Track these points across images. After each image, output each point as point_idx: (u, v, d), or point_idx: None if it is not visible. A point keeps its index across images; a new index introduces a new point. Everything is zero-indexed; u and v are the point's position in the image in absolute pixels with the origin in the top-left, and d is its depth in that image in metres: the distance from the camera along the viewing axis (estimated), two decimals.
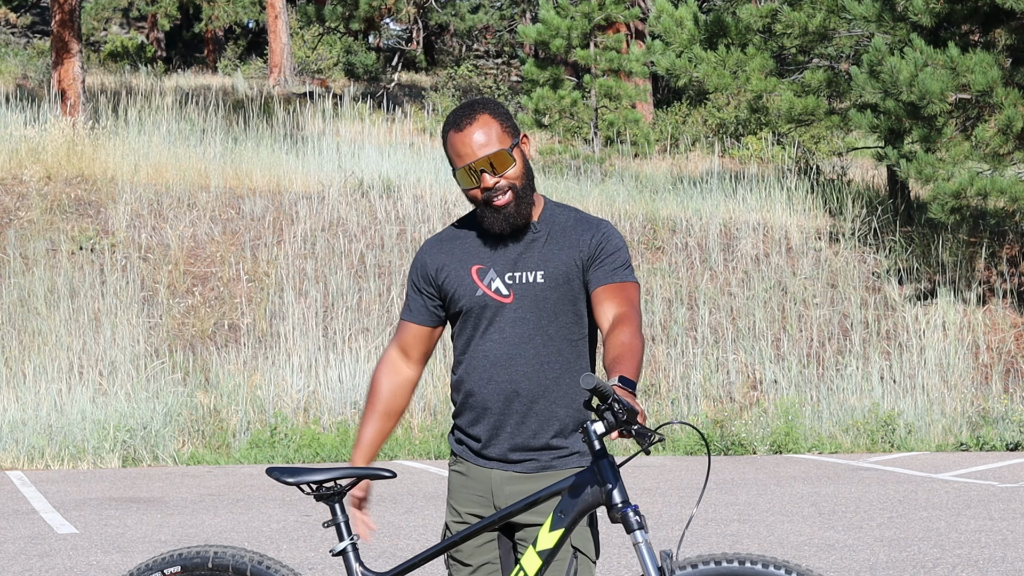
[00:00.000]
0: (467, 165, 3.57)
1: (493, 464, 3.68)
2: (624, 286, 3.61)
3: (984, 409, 14.49)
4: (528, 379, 3.63)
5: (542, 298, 3.63)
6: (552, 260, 3.63)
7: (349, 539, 3.56)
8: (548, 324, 3.64)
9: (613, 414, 3.20)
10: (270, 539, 8.72)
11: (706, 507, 10.09)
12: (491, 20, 38.72)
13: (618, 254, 3.64)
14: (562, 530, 3.35)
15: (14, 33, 39.58)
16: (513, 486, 3.65)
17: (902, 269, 16.39)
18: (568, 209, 3.73)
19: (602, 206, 17.23)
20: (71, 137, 17.19)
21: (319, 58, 35.64)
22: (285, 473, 3.57)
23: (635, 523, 3.28)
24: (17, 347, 13.81)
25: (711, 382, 14.70)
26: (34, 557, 8.19)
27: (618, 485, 3.32)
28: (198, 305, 14.88)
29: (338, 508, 3.57)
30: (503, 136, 3.59)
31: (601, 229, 3.67)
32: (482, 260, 3.68)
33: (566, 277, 3.63)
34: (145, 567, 3.67)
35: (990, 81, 14.91)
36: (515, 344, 3.63)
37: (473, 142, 3.57)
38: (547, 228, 3.68)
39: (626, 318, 3.54)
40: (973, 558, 8.04)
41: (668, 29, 17.81)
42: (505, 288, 3.64)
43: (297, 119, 21.94)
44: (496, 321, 3.65)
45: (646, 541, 3.27)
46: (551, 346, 3.64)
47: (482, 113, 3.60)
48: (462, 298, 3.67)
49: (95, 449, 12.51)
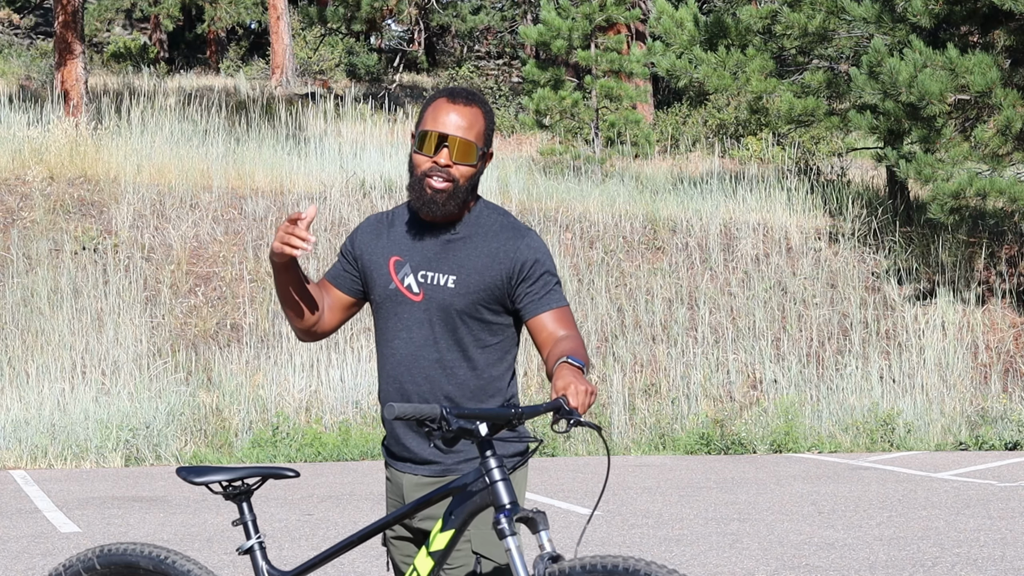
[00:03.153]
0: (438, 131, 3.50)
1: (402, 466, 3.62)
2: (560, 312, 3.55)
3: (983, 408, 14.53)
4: (431, 383, 3.54)
5: (449, 304, 3.54)
6: (466, 266, 3.55)
7: (256, 538, 3.58)
8: (456, 330, 3.55)
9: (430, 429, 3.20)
10: (272, 538, 8.76)
11: (706, 506, 10.14)
12: (492, 21, 38.75)
13: (547, 276, 3.55)
14: (452, 531, 3.28)
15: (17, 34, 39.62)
16: (420, 492, 3.57)
17: (902, 269, 16.43)
18: (497, 212, 3.63)
19: (603, 206, 17.28)
20: (74, 138, 17.24)
21: (321, 59, 35.68)
22: (193, 473, 3.56)
23: (502, 531, 3.19)
24: (20, 347, 13.86)
25: (711, 382, 14.74)
26: (37, 556, 8.23)
27: (506, 486, 3.22)
28: (200, 305, 14.93)
29: (245, 507, 3.58)
30: (480, 136, 3.55)
31: (527, 243, 3.56)
32: (401, 252, 3.60)
33: (479, 286, 3.54)
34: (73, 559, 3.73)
35: (989, 82, 14.95)
36: (419, 346, 3.55)
37: (457, 119, 3.51)
38: (467, 231, 3.58)
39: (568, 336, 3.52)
40: (972, 557, 8.08)
41: (668, 30, 17.85)
42: (416, 286, 3.57)
43: (299, 120, 21.97)
44: (404, 319, 3.57)
45: (517, 548, 3.18)
46: (457, 352, 3.55)
47: (478, 106, 3.56)
48: (375, 287, 3.62)
49: (98, 448, 12.56)
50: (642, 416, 14.17)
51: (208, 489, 3.56)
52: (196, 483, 3.56)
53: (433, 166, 3.51)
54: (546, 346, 3.54)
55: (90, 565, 3.68)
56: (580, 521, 9.41)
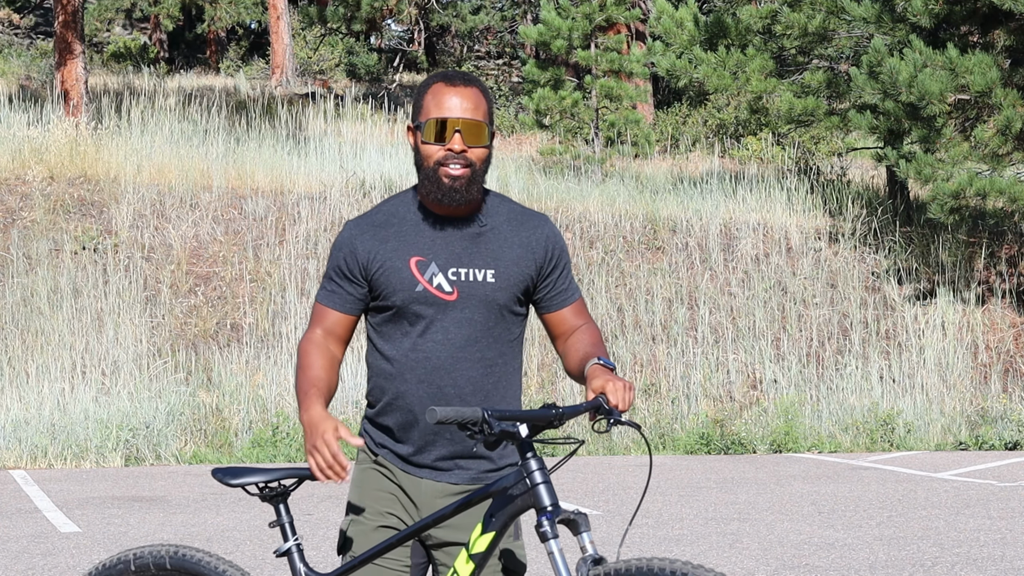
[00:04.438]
0: (446, 118, 3.34)
1: (424, 473, 3.46)
2: (580, 303, 3.54)
3: (983, 408, 14.54)
4: (472, 384, 3.41)
5: (491, 299, 3.41)
6: (503, 259, 3.43)
7: (293, 540, 3.47)
8: (495, 325, 3.43)
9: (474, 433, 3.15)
10: (272, 537, 8.76)
11: (706, 506, 10.14)
12: (492, 21, 38.76)
13: (567, 266, 3.53)
14: (493, 533, 3.22)
15: (17, 34, 39.63)
16: (444, 500, 3.45)
17: (901, 269, 16.44)
18: (506, 199, 3.53)
19: (603, 206, 17.28)
20: (74, 137, 17.24)
21: (321, 59, 35.69)
22: (229, 475, 3.46)
23: (545, 533, 3.15)
24: (20, 346, 13.86)
25: (711, 382, 14.74)
26: (37, 556, 8.23)
27: (548, 487, 3.19)
28: (200, 305, 14.93)
29: (282, 508, 3.48)
30: (487, 116, 3.40)
31: (552, 229, 3.51)
32: (422, 251, 3.41)
33: (519, 277, 3.44)
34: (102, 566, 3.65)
35: (989, 82, 14.95)
36: (460, 347, 3.40)
37: (461, 101, 3.35)
38: (493, 222, 3.45)
39: (586, 326, 3.51)
40: (972, 557, 8.08)
41: (668, 30, 17.85)
42: (448, 285, 3.39)
43: (299, 120, 21.98)
44: (438, 320, 3.40)
45: (560, 552, 3.16)
46: (495, 348, 3.44)
47: (476, 86, 3.41)
48: (397, 292, 3.41)
49: (98, 448, 12.56)
50: (642, 416, 14.17)
51: (244, 491, 3.46)
52: (232, 485, 3.45)
53: (448, 154, 3.35)
54: (563, 338, 3.52)
55: (161, 563, 3.62)
56: None
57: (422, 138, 3.38)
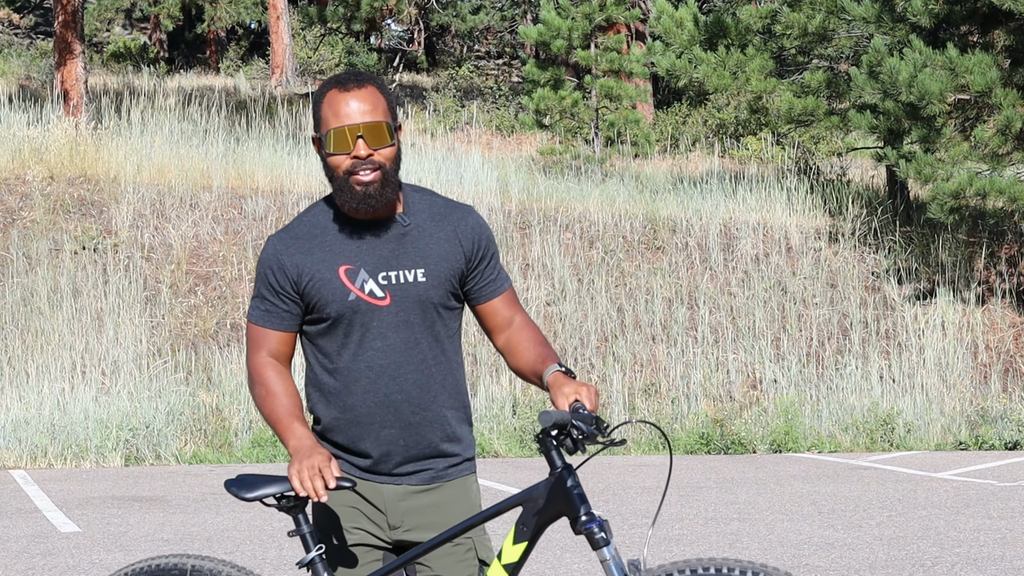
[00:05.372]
0: (345, 126, 3.29)
1: (384, 479, 3.42)
2: (510, 293, 3.53)
3: (983, 408, 14.54)
4: (419, 386, 3.38)
5: (424, 298, 3.39)
6: (431, 256, 3.40)
7: (316, 550, 3.35)
8: (433, 324, 3.41)
9: (573, 440, 3.17)
10: (272, 538, 8.76)
11: (706, 506, 10.14)
12: (492, 21, 38.77)
13: (496, 256, 3.50)
14: (526, 543, 3.22)
15: (17, 34, 39.64)
16: (408, 502, 3.42)
17: (901, 269, 16.44)
18: (426, 193, 3.49)
19: (603, 206, 17.28)
20: (74, 137, 17.25)
21: (321, 59, 35.69)
22: (243, 488, 3.33)
23: (600, 540, 3.16)
24: (20, 346, 13.86)
25: (711, 381, 14.75)
26: (37, 556, 8.23)
27: (580, 495, 3.20)
28: (200, 304, 14.93)
29: (302, 518, 3.36)
30: (387, 113, 3.35)
31: (477, 220, 3.47)
32: (349, 259, 3.37)
33: (449, 273, 3.41)
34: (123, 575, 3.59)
35: (989, 82, 14.95)
36: (401, 351, 3.37)
37: (358, 104, 3.31)
38: (415, 220, 3.42)
39: (522, 320, 3.52)
40: (972, 556, 8.08)
41: (668, 30, 17.86)
42: (380, 290, 3.36)
43: (299, 120, 21.98)
44: (374, 327, 3.36)
45: (614, 557, 3.15)
46: (436, 347, 3.42)
47: (370, 84, 3.36)
48: (330, 303, 3.36)
49: (98, 448, 12.56)
50: (642, 416, 14.17)
51: (261, 503, 3.35)
52: (248, 499, 3.31)
53: (355, 161, 3.31)
54: (500, 331, 3.51)
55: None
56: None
57: (326, 150, 3.34)
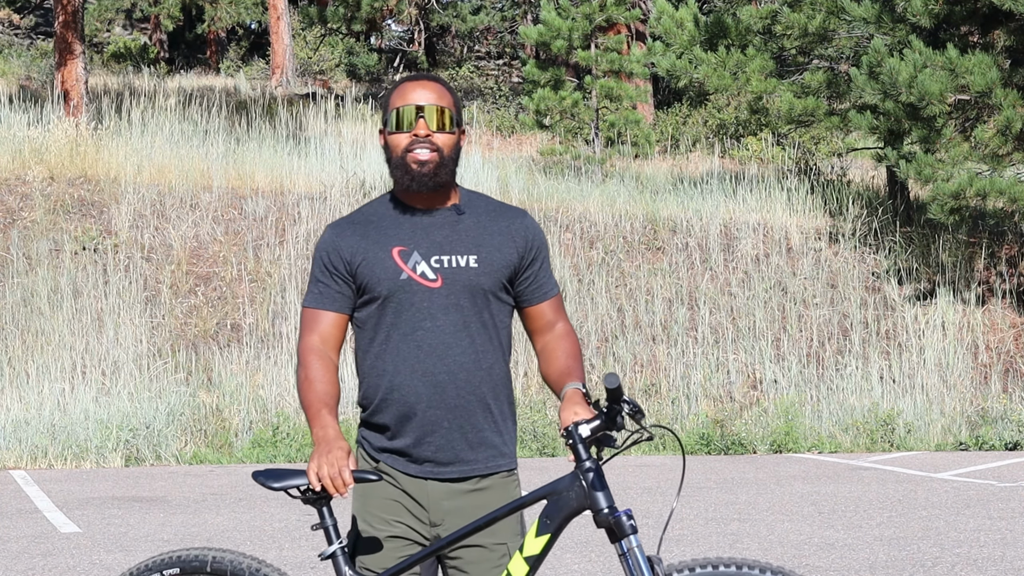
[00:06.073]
0: (409, 104, 3.43)
1: (427, 470, 3.46)
2: (557, 299, 3.59)
3: (983, 409, 14.54)
4: (465, 369, 3.43)
5: (475, 284, 3.45)
6: (485, 245, 3.47)
7: (338, 542, 3.41)
8: (483, 310, 3.47)
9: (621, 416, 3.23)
10: (272, 538, 8.76)
11: (706, 506, 10.14)
12: (492, 21, 38.77)
13: (547, 260, 3.58)
14: (548, 535, 3.27)
15: (17, 34, 39.64)
16: (452, 501, 3.47)
17: (902, 269, 16.44)
18: (483, 195, 3.59)
19: (603, 206, 17.28)
20: (74, 138, 17.25)
21: (321, 59, 35.69)
22: (271, 478, 3.42)
23: (629, 528, 3.21)
24: (20, 347, 13.87)
25: (711, 382, 14.75)
26: (37, 556, 8.23)
27: (604, 489, 3.25)
28: (200, 305, 14.93)
29: (326, 511, 3.41)
30: (451, 105, 3.48)
31: (532, 223, 3.56)
32: (403, 241, 3.46)
33: (501, 263, 3.48)
34: (144, 567, 3.62)
35: (989, 82, 14.95)
36: (450, 333, 3.43)
37: (425, 92, 3.46)
38: (471, 212, 3.51)
39: (564, 329, 3.58)
40: (972, 557, 8.08)
41: (668, 30, 17.86)
42: (432, 272, 3.44)
43: (299, 120, 21.98)
44: (424, 308, 3.43)
45: (639, 546, 3.21)
46: (484, 334, 3.47)
47: (441, 83, 3.52)
48: (381, 282, 3.45)
49: (98, 448, 12.56)
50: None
51: (286, 494, 3.43)
52: (275, 488, 3.40)
53: (413, 139, 3.43)
54: (541, 334, 3.57)
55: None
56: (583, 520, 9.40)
57: (389, 129, 3.46)
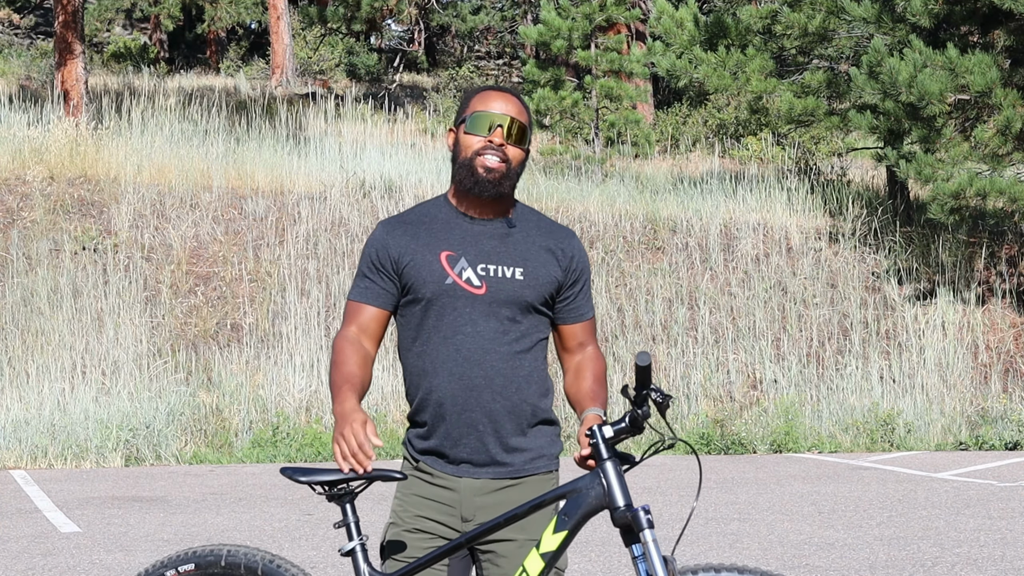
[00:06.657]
0: (491, 111, 3.52)
1: (462, 470, 3.54)
2: (592, 322, 3.68)
3: (983, 409, 14.54)
4: (502, 375, 3.50)
5: (519, 296, 3.53)
6: (532, 260, 3.56)
7: (358, 539, 3.50)
8: (523, 320, 3.54)
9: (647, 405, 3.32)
10: (272, 538, 8.76)
11: (706, 506, 10.14)
12: (492, 21, 38.77)
13: (588, 283, 3.67)
14: (566, 532, 3.32)
15: (17, 34, 39.64)
16: (483, 498, 3.53)
17: (902, 269, 16.44)
18: (535, 211, 3.68)
19: (603, 206, 17.28)
20: (74, 138, 17.25)
21: (321, 59, 35.69)
22: (298, 472, 3.53)
23: (646, 522, 3.26)
24: (20, 347, 13.86)
25: (711, 382, 14.75)
26: (37, 556, 8.23)
27: (623, 488, 3.31)
28: (200, 305, 14.93)
29: (348, 509, 3.51)
30: (528, 122, 3.59)
31: (578, 244, 3.65)
32: (452, 246, 3.53)
33: (546, 279, 3.56)
34: (160, 564, 3.68)
35: (989, 82, 14.95)
36: (489, 339, 3.50)
37: (507, 105, 3.55)
38: (522, 226, 3.60)
39: (593, 352, 3.66)
40: (972, 557, 8.08)
41: (668, 30, 17.85)
42: (477, 279, 3.51)
43: (299, 120, 21.98)
44: (466, 313, 3.50)
45: (655, 540, 3.25)
46: (523, 343, 3.54)
47: (521, 101, 3.62)
48: (427, 284, 3.52)
49: (98, 448, 12.56)
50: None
51: (311, 488, 3.51)
52: (301, 482, 3.51)
53: (487, 145, 3.50)
54: (572, 353, 3.66)
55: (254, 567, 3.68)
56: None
57: (465, 129, 3.53)
